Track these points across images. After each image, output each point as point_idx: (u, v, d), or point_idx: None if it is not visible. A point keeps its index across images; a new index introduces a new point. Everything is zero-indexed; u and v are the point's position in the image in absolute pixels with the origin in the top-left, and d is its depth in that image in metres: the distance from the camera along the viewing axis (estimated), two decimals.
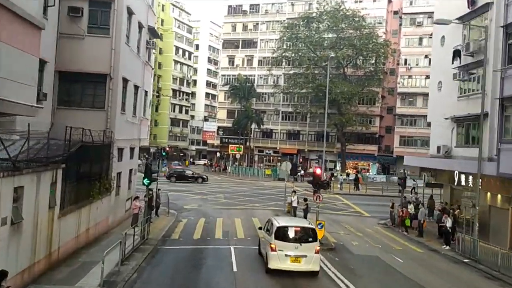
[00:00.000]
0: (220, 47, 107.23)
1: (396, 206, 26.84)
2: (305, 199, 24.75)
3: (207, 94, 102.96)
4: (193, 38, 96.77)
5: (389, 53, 58.26)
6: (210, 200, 33.37)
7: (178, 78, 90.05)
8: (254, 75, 71.17)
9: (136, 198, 21.72)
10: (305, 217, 22.98)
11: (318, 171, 20.50)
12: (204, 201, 32.40)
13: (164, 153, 52.26)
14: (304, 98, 65.54)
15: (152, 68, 28.54)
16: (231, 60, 73.72)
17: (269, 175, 57.55)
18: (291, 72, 66.16)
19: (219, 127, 74.49)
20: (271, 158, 71.41)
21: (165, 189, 36.78)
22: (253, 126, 68.38)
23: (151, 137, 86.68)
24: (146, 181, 19.13)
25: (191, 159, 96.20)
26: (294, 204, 25.43)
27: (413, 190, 43.57)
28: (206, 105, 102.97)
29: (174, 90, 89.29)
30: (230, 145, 70.72)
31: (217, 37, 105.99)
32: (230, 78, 72.33)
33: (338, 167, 66.00)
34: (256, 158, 71.23)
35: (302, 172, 57.98)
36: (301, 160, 64.80)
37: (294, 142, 68.45)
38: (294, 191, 26.46)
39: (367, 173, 63.64)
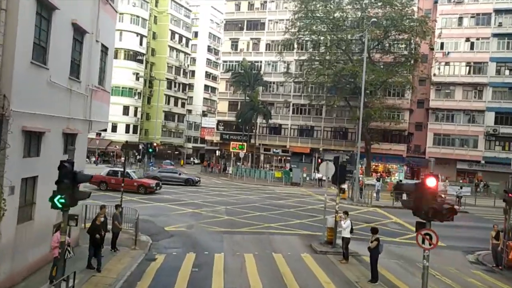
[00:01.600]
0: (221, 35, 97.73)
1: (501, 236, 16.88)
2: (374, 230, 14.05)
3: (206, 87, 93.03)
4: (192, 24, 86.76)
5: (429, 29, 48.16)
6: (206, 216, 23.25)
7: (173, 67, 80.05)
8: (261, 62, 61.22)
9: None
10: (372, 262, 13.07)
11: (431, 182, 9.39)
12: (196, 218, 22.33)
13: (151, 150, 42.46)
14: (320, 87, 55.63)
15: (116, 12, 18.58)
16: (234, 44, 63.75)
17: (279, 179, 47.63)
18: (305, 57, 56.30)
19: (219, 122, 64.49)
20: (280, 158, 61.46)
21: (142, 199, 26.98)
22: (259, 120, 58.42)
23: (141, 133, 76.85)
24: (58, 201, 8.97)
25: (192, 159, 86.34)
26: (346, 234, 15.15)
27: (458, 200, 34.07)
28: (205, 98, 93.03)
29: (169, 80, 79.30)
30: (231, 142, 60.80)
31: (218, 24, 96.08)
32: (232, 65, 62.38)
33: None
34: (262, 157, 61.23)
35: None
36: (319, 160, 54.73)
37: (306, 140, 58.51)
38: (346, 213, 16.04)
39: (393, 178, 53.76)
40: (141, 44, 71.01)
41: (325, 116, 57.70)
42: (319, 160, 51.25)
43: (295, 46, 56.63)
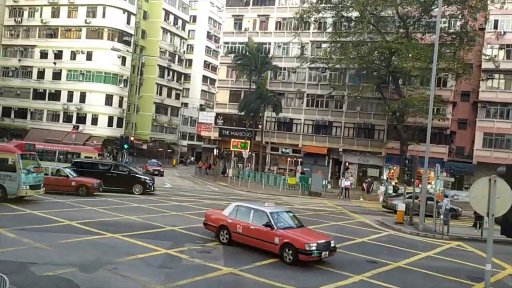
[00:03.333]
0: (222, 21, 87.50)
1: None
2: None
3: (205, 78, 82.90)
4: (189, 6, 76.47)
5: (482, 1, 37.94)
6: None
7: (167, 52, 69.74)
8: (269, 43, 51.01)
9: None
10: None
11: None
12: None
13: (126, 145, 32.22)
14: (342, 75, 45.47)
15: None
16: (238, 22, 53.50)
17: (293, 186, 37.33)
18: (323, 37, 46.30)
19: (218, 115, 54.21)
20: (289, 159, 51.26)
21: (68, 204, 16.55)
22: (267, 113, 48.21)
23: (128, 127, 66.62)
24: None
25: (186, 158, 76.14)
26: None
27: None
28: (203, 91, 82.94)
29: (162, 67, 69.05)
30: (232, 140, 50.84)
31: (219, 8, 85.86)
32: (235, 47, 52.14)
33: (385, 176, 45.96)
34: (268, 158, 50.97)
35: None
36: (347, 164, 44.50)
37: (323, 138, 48.33)
38: None
39: (432, 188, 43.56)
40: (128, 23, 60.75)
41: (347, 110, 47.49)
42: (346, 164, 41.08)
43: (312, 23, 46.46)
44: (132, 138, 32.69)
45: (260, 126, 50.15)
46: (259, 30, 52.10)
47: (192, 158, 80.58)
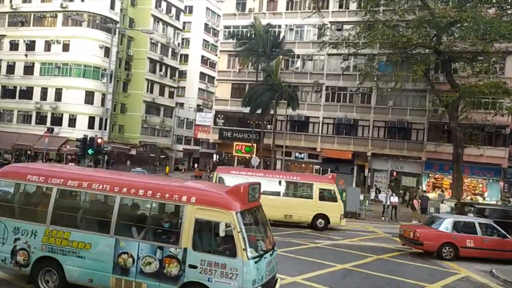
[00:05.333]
0: (221, 12, 78.89)
1: None
2: None
3: (203, 75, 74.10)
4: None
5: None
6: None
7: (159, 44, 60.89)
8: (279, 27, 42.15)
9: None
10: None
11: None
12: None
13: (90, 150, 23.15)
14: (370, 61, 36.48)
15: None
16: (241, 1, 44.71)
17: None
18: (345, 17, 37.80)
19: (217, 113, 45.21)
20: (305, 165, 42.32)
21: None
22: (279, 110, 39.18)
23: (114, 130, 57.64)
24: None
25: (181, 165, 67.27)
26: None
27: None
28: (200, 90, 74.08)
29: (153, 61, 60.23)
30: (234, 143, 42.01)
31: None
32: (238, 32, 43.29)
33: (424, 186, 36.90)
34: (279, 165, 41.83)
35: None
36: (395, 174, 35.39)
37: (346, 140, 39.45)
38: None
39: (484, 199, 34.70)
40: (112, 8, 51.95)
41: (376, 105, 38.63)
42: (394, 174, 32.00)
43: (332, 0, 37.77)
44: (99, 140, 23.59)
45: (269, 126, 41.32)
46: (266, 10, 43.34)
47: (198, 166, 71.72)
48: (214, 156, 47.77)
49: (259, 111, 36.78)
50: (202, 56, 73.55)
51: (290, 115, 40.11)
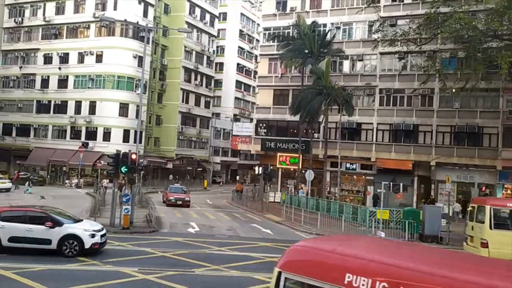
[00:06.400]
0: (257, 18, 76.10)
1: None
2: None
3: (239, 84, 71.20)
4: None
5: None
6: None
7: (194, 52, 58.46)
8: (324, 25, 38.47)
9: None
10: None
11: None
12: None
13: (124, 168, 20.00)
14: (431, 59, 32.23)
15: None
16: (282, 1, 41.39)
17: (387, 222, 23.90)
18: (399, 12, 33.93)
19: (259, 122, 41.84)
20: (356, 177, 38.23)
21: None
22: (330, 117, 35.29)
23: (150, 143, 55.27)
24: None
25: (218, 178, 64.39)
26: None
27: None
28: (237, 98, 71.13)
29: (188, 70, 57.76)
30: (278, 154, 38.57)
31: (252, 3, 74.63)
32: (279, 33, 39.89)
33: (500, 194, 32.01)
34: (327, 177, 37.79)
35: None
36: (484, 189, 30.95)
37: (406, 148, 35.11)
38: None
39: None
40: (146, 15, 49.80)
41: (439, 108, 34.23)
42: (483, 188, 27.58)
43: None
44: (134, 156, 20.60)
45: (316, 135, 37.61)
46: (309, 9, 39.83)
47: (239, 179, 68.79)
48: (257, 168, 44.29)
49: (309, 119, 33.02)
50: (238, 64, 70.74)
51: (339, 121, 36.24)
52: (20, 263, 13.23)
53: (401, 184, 29.27)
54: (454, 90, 30.60)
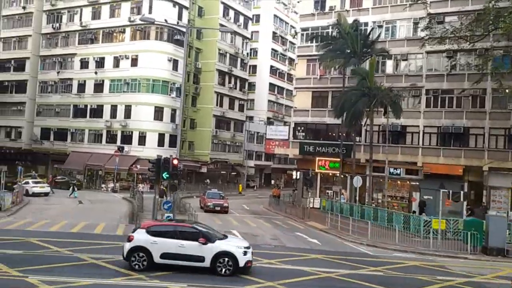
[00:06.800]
0: (290, 20, 74.94)
1: None
2: None
3: (272, 86, 70.11)
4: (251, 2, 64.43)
5: None
6: None
7: (227, 54, 57.74)
8: (365, 24, 36.85)
9: None
10: None
11: None
12: None
13: (165, 174, 19.15)
14: (482, 57, 30.18)
15: None
16: (320, 0, 40.02)
17: (444, 233, 22.08)
18: (447, 8, 32.06)
19: (297, 125, 40.51)
20: (401, 183, 36.32)
21: None
22: (374, 119, 33.61)
23: (184, 147, 54.74)
24: None
25: (252, 182, 63.37)
26: None
27: None
28: (270, 101, 70.05)
29: (221, 73, 57.07)
30: (317, 158, 37.21)
31: (285, 5, 73.47)
32: (318, 33, 38.51)
33: None
34: (368, 182, 36.02)
35: None
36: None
37: (456, 152, 32.98)
38: None
39: None
40: (180, 18, 49.40)
41: (492, 109, 32.02)
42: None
43: None
44: (175, 161, 19.75)
45: (357, 138, 35.99)
46: (350, 7, 38.27)
47: (276, 183, 67.71)
48: (294, 173, 43.00)
49: (354, 121, 31.49)
50: (271, 66, 69.71)
51: (383, 124, 34.58)
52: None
53: (451, 191, 27.50)
54: (507, 90, 28.62)
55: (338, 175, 36.60)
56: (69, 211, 28.57)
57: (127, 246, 13.74)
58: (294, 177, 44.29)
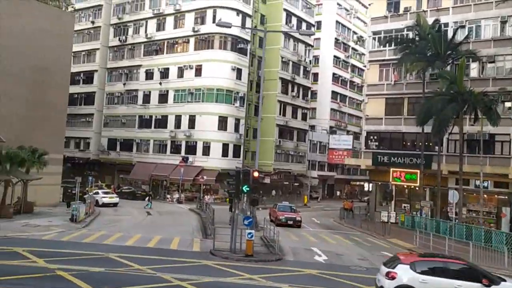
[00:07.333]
0: (352, 26, 72.62)
1: None
2: None
3: (334, 94, 67.94)
4: (314, 6, 62.80)
5: None
6: None
7: (290, 62, 56.44)
8: (446, 25, 34.02)
9: None
10: None
11: None
12: None
13: (245, 188, 17.95)
14: None
15: None
16: (393, 1, 37.72)
17: None
18: None
19: (369, 134, 38.19)
20: (488, 196, 33.03)
21: None
22: (456, 127, 30.79)
23: (247, 157, 53.82)
24: None
25: (315, 193, 61.25)
26: None
27: None
28: (332, 110, 67.87)
29: (284, 81, 55.81)
30: (391, 169, 34.71)
31: (348, 10, 71.29)
32: (391, 36, 36.22)
33: None
34: (457, 196, 32.96)
35: None
36: None
37: None
38: None
39: None
40: (243, 27, 48.69)
41: None
42: None
43: None
44: (256, 174, 18.47)
45: (437, 147, 33.18)
46: (427, 8, 35.72)
47: (345, 194, 65.39)
48: (367, 185, 40.59)
49: (439, 128, 28.87)
50: (333, 74, 67.61)
51: (467, 132, 31.65)
52: None
53: None
54: None
55: (417, 187, 33.94)
56: (140, 223, 28.12)
57: (390, 285, 11.90)
58: (366, 189, 41.79)
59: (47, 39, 32.89)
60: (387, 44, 36.01)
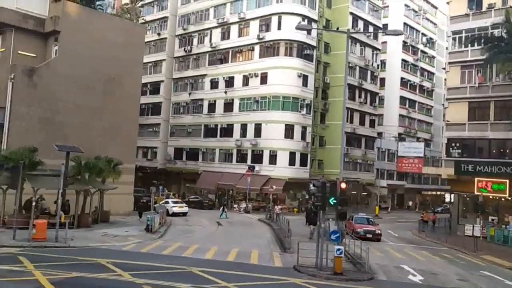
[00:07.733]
0: (421, 27, 69.25)
1: None
2: None
3: (403, 100, 65.02)
4: (381, 8, 60.47)
5: None
6: None
7: (357, 67, 54.51)
8: None
9: None
10: None
11: None
12: None
13: (332, 200, 16.38)
14: None
15: None
16: None
17: None
18: None
19: (450, 141, 35.41)
20: None
21: None
22: None
23: (314, 165, 52.25)
24: None
25: (384, 203, 58.44)
26: None
27: None
28: (401, 116, 64.92)
29: (351, 87, 53.73)
30: (476, 179, 31.86)
31: (416, 11, 68.14)
32: (474, 35, 33.56)
33: None
34: None
35: None
36: None
37: None
38: None
39: None
40: (309, 32, 47.55)
41: None
42: None
43: None
44: (343, 185, 17.17)
45: None
46: None
47: (425, 206, 62.31)
48: (447, 196, 37.82)
49: None
50: (402, 78, 64.74)
51: None
52: None
53: None
54: None
55: (506, 198, 30.91)
56: (213, 234, 27.59)
57: None
58: (447, 200, 38.94)
59: (121, 51, 33.53)
60: (470, 44, 33.40)
